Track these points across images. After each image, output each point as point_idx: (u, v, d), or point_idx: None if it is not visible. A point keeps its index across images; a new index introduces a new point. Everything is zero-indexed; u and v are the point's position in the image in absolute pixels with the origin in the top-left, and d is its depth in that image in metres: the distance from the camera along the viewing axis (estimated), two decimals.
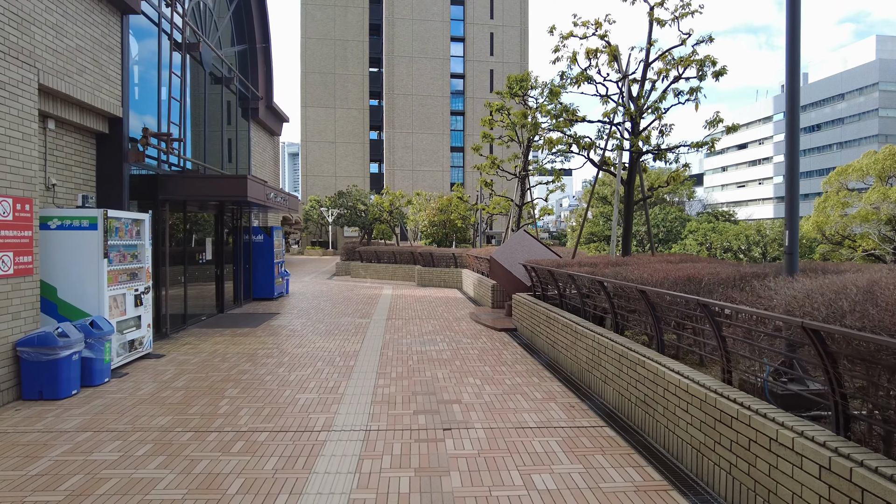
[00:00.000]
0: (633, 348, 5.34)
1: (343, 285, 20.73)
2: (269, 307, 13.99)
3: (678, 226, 37.41)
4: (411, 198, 27.53)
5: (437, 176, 56.98)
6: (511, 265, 11.64)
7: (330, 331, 10.41)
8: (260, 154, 16.22)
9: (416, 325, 11.04)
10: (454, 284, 19.58)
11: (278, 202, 12.12)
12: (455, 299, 15.85)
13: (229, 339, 9.56)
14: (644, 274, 6.04)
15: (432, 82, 58.38)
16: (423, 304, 14.73)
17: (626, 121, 8.42)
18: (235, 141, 13.85)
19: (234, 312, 12.99)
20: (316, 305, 14.32)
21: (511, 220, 16.01)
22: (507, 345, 9.12)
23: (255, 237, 15.27)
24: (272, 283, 15.38)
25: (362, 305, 14.32)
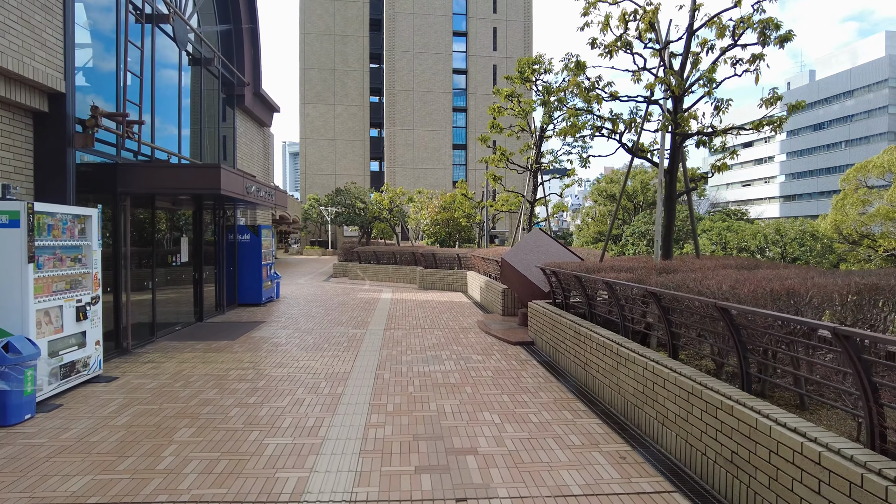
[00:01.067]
0: (712, 386, 3.97)
1: (339, 288, 19.37)
2: (254, 314, 12.62)
3: (689, 225, 35.98)
4: (412, 195, 26.16)
5: (438, 174, 55.62)
6: (526, 268, 10.28)
7: (319, 344, 9.05)
8: (247, 146, 14.86)
9: (417, 338, 9.67)
10: (458, 287, 18.21)
11: (262, 197, 10.76)
12: (460, 304, 14.48)
13: (200, 356, 8.20)
14: (712, 284, 4.67)
15: (434, 78, 57.00)
16: (425, 310, 13.37)
17: (668, 98, 7.08)
18: (217, 130, 12.49)
19: (215, 321, 11.63)
20: (307, 312, 12.95)
21: (522, 219, 14.63)
22: (525, 363, 7.75)
23: (241, 237, 13.92)
24: (259, 287, 14.02)
25: (358, 312, 12.96)
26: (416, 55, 56.66)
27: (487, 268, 14.83)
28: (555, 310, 8.14)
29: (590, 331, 6.39)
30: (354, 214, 29.01)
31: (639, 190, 40.64)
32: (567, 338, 7.21)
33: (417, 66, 56.63)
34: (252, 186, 10.04)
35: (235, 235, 13.73)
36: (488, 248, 19.18)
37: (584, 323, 6.79)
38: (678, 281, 5.01)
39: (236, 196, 9.18)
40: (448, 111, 57.09)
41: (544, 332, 8.42)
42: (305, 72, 60.18)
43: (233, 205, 12.91)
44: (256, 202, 10.46)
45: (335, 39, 61.19)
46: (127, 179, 8.08)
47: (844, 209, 33.24)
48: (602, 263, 8.01)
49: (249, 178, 10.18)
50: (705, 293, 4.45)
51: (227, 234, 13.56)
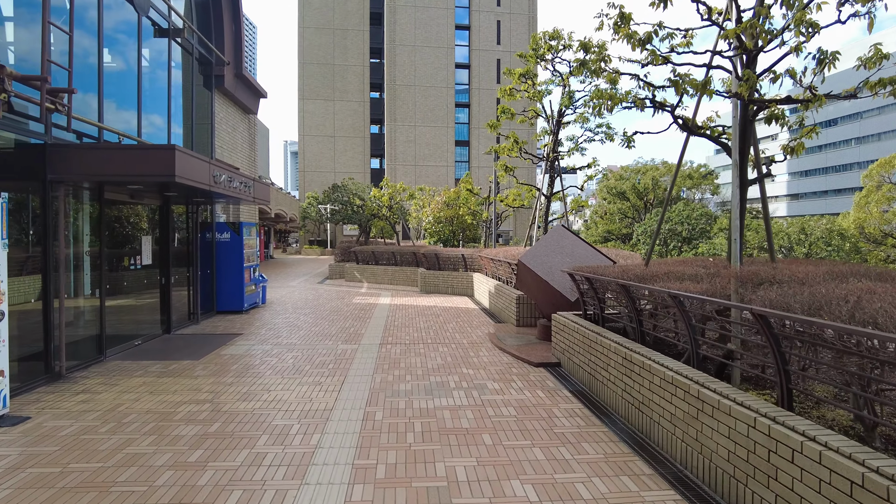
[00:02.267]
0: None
1: (334, 292, 17.79)
2: (233, 324, 11.05)
3: (704, 223, 34.38)
4: (413, 191, 24.58)
5: (440, 171, 54.03)
6: (547, 273, 8.68)
7: (299, 366, 7.47)
8: (229, 134, 13.28)
9: (418, 356, 8.08)
10: (464, 291, 16.62)
11: (236, 189, 9.18)
12: (467, 311, 12.89)
13: (152, 382, 6.62)
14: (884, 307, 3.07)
15: (436, 73, 55.40)
16: (427, 318, 11.79)
17: (738, 55, 5.50)
18: (191, 114, 10.91)
19: (185, 333, 10.06)
20: (293, 322, 11.37)
21: (537, 215, 13.03)
22: (554, 394, 6.15)
23: (220, 235, 12.34)
24: (241, 293, 12.44)
25: (352, 321, 11.37)
26: (418, 49, 55.07)
27: (497, 270, 13.24)
28: (589, 326, 6.55)
29: (649, 360, 4.79)
30: (352, 212, 27.40)
31: (650, 187, 39.06)
32: (611, 364, 5.61)
33: (419, 60, 55.04)
34: (222, 175, 8.45)
35: (213, 234, 12.16)
36: (496, 248, 17.57)
37: (638, 348, 5.20)
38: (808, 300, 3.40)
39: (200, 186, 7.59)
40: (450, 107, 55.49)
41: (575, 352, 6.83)
42: (304, 66, 58.65)
43: (210, 199, 11.35)
44: (229, 194, 8.88)
45: (335, 33, 59.66)
46: (58, 163, 6.51)
47: (868, 207, 31.61)
48: (650, 269, 6.41)
49: (220, 165, 8.60)
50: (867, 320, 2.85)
51: (203, 232, 12.00)
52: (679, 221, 35.03)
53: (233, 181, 8.93)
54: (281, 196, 41.14)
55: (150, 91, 9.26)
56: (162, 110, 9.62)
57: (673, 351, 5.56)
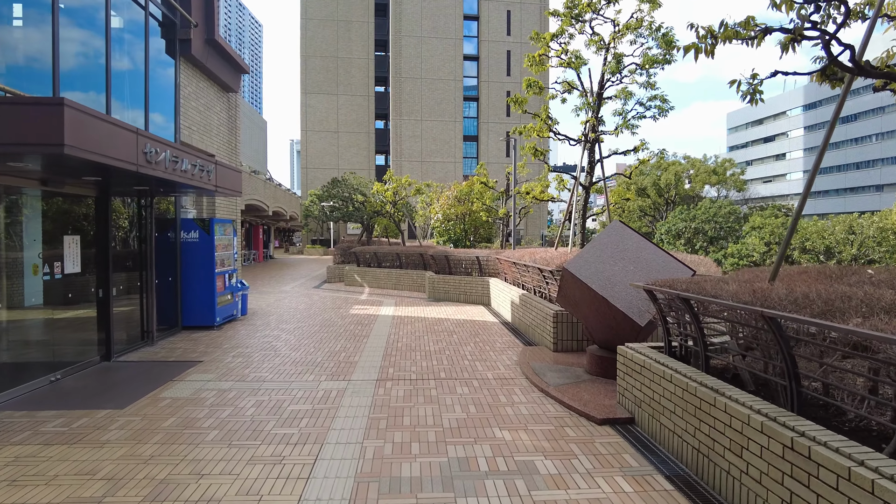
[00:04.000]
0: None
1: (329, 299, 15.59)
2: (196, 345, 8.84)
3: (733, 221, 31.94)
4: (420, 185, 22.33)
5: (448, 167, 51.76)
6: (606, 286, 6.42)
7: (259, 424, 5.24)
8: (200, 113, 11.08)
9: (429, 404, 5.84)
10: (479, 299, 14.37)
11: (185, 173, 6.95)
12: (485, 326, 10.65)
13: (28, 458, 4.43)
14: None
15: (443, 65, 53.12)
16: (438, 337, 9.55)
17: None
18: (146, 82, 8.69)
19: (129, 360, 7.86)
20: (271, 343, 9.15)
21: (575, 210, 10.73)
22: (643, 483, 3.89)
23: (186, 235, 10.15)
24: (212, 304, 10.25)
25: (344, 342, 9.14)
26: (425, 40, 52.83)
27: (522, 277, 10.99)
28: (692, 374, 4.30)
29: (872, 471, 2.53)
30: (353, 209, 25.14)
31: (672, 183, 36.59)
32: (757, 453, 3.35)
33: (426, 51, 52.79)
34: (162, 153, 6.23)
35: (177, 233, 9.97)
36: (515, 249, 15.31)
37: (827, 438, 2.92)
38: None
39: (119, 164, 5.39)
40: (458, 100, 53.21)
41: (663, 408, 4.57)
42: (307, 60, 56.58)
43: (176, 192, 9.16)
44: (174, 179, 6.66)
45: (338, 25, 57.56)
46: None
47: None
48: (782, 287, 4.12)
49: (158, 140, 6.37)
50: None
51: (164, 231, 9.81)
52: (705, 220, 32.60)
53: (180, 162, 6.71)
54: (280, 193, 39.03)
55: (78, 46, 7.06)
56: (97, 73, 7.41)
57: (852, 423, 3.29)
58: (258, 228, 42.03)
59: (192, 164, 7.08)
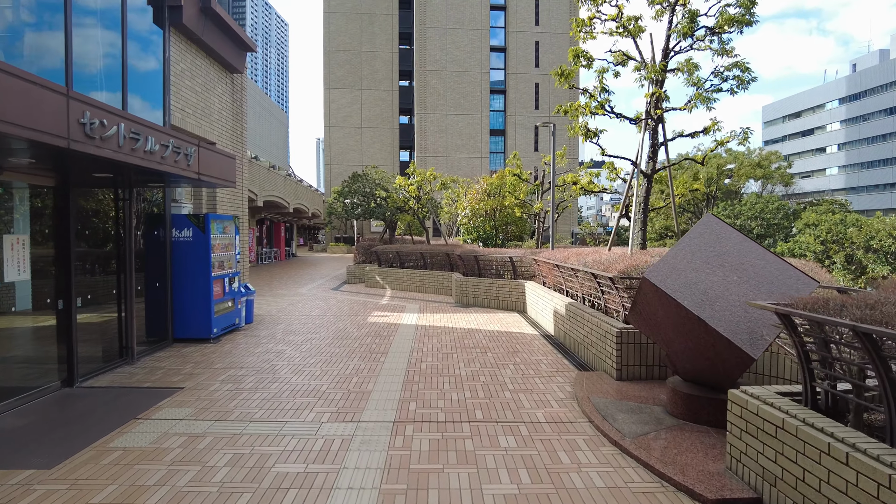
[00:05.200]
0: None
1: (347, 303, 14.15)
2: (182, 365, 7.44)
3: (782, 218, 29.58)
4: (446, 179, 20.77)
5: (474, 163, 50.02)
6: (702, 303, 4.75)
7: (228, 499, 3.75)
8: (198, 95, 9.70)
9: (463, 465, 4.27)
10: (512, 305, 12.76)
11: (150, 155, 5.46)
12: (524, 340, 9.04)
13: None
14: None
15: (469, 56, 51.37)
16: (470, 355, 7.98)
17: None
18: (123, 52, 7.29)
19: (96, 385, 6.48)
20: (271, 363, 7.70)
21: (635, 202, 9.01)
22: None
23: (179, 233, 8.78)
24: (208, 313, 8.86)
25: (357, 361, 7.64)
26: (450, 31, 51.17)
27: (569, 283, 9.34)
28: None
29: None
30: (375, 206, 23.65)
31: (713, 177, 34.23)
32: None
33: (451, 43, 51.15)
34: (112, 127, 4.77)
35: (167, 231, 8.60)
36: (553, 248, 13.64)
37: None
38: None
39: (36, 136, 3.94)
40: (485, 93, 51.44)
41: (819, 500, 2.92)
42: (330, 54, 55.53)
43: (165, 183, 7.79)
44: (131, 161, 5.20)
45: (362, 18, 56.36)
46: None
47: None
48: None
49: (102, 109, 4.91)
50: None
51: (153, 228, 8.45)
52: (752, 216, 30.28)
53: (142, 140, 5.25)
54: (301, 189, 37.92)
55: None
56: (52, 41, 6.00)
57: None
58: (280, 226, 41.04)
59: (162, 143, 5.63)
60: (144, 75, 7.93)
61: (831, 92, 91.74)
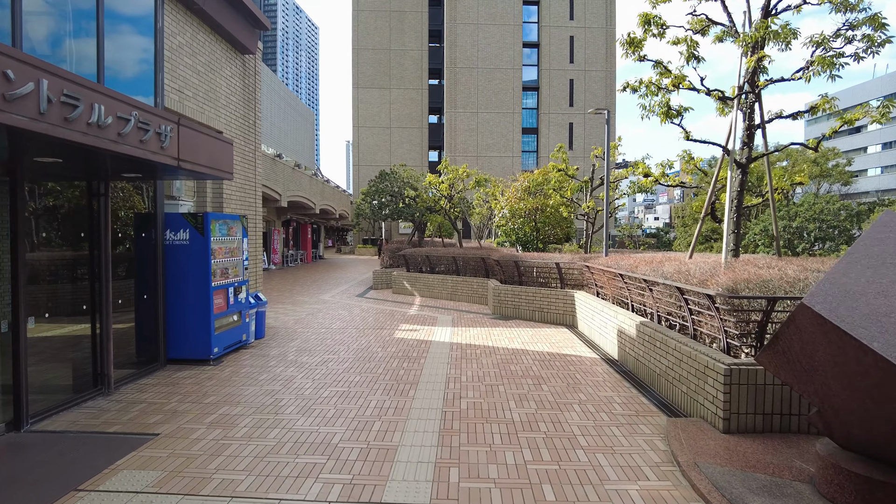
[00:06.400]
0: None
1: (373, 313, 12.72)
2: (169, 396, 6.06)
3: (844, 219, 27.09)
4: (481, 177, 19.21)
5: (505, 162, 48.29)
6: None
7: None
8: (200, 76, 8.38)
9: None
10: (560, 318, 11.13)
11: (94, 128, 4.02)
12: (584, 367, 7.42)
13: None
14: None
15: (501, 53, 49.70)
16: (521, 390, 6.40)
17: None
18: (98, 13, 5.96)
19: (45, 430, 5.13)
20: (276, 396, 6.25)
21: (730, 199, 7.27)
22: None
23: (173, 235, 7.45)
24: (207, 329, 7.50)
25: (381, 395, 6.14)
26: (481, 27, 49.62)
27: (640, 297, 7.68)
28: None
29: None
30: (403, 206, 22.20)
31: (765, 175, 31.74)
32: None
33: (482, 39, 49.59)
34: (25, 85, 3.36)
35: (158, 233, 7.26)
36: (607, 254, 11.99)
37: None
38: None
39: None
40: (517, 90, 49.71)
41: None
42: (358, 53, 54.54)
43: (155, 175, 6.48)
44: (70, 138, 3.78)
45: (391, 16, 55.21)
46: None
47: None
48: None
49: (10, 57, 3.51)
50: None
51: (141, 230, 7.13)
52: (810, 217, 27.83)
53: (82, 108, 3.83)
54: (329, 189, 36.87)
55: None
56: None
57: None
58: (306, 227, 40.09)
59: (119, 115, 4.21)
60: (129, 45, 6.61)
61: (878, 88, 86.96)
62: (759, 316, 5.19)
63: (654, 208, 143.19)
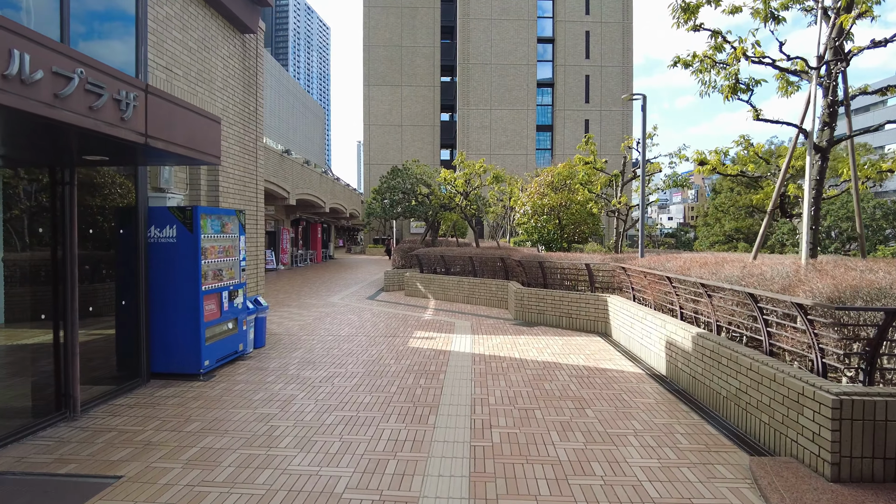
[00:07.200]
0: None
1: (384, 318, 11.75)
2: (145, 422, 5.12)
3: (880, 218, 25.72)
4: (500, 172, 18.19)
5: (519, 160, 47.18)
6: None
7: None
8: (192, 53, 7.46)
9: None
10: (590, 325, 10.09)
11: (15, 87, 3.10)
12: (629, 384, 6.39)
13: None
14: None
15: (515, 48, 48.61)
16: (562, 415, 5.38)
17: None
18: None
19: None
20: (270, 423, 5.29)
21: (807, 188, 6.20)
22: None
23: (159, 232, 6.53)
24: (196, 340, 6.56)
25: (396, 422, 5.15)
26: (495, 23, 48.54)
27: (692, 304, 6.63)
28: None
29: None
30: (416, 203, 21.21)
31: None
32: None
33: (496, 35, 48.51)
34: None
35: (140, 229, 6.33)
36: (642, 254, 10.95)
37: None
38: None
39: None
40: (531, 87, 48.58)
41: None
42: (370, 50, 53.67)
43: (134, 156, 5.57)
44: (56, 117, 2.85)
45: (402, 12, 54.26)
46: None
47: None
48: None
49: None
50: None
51: (121, 226, 6.21)
52: (843, 216, 26.51)
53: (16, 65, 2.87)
54: (339, 188, 36.01)
55: None
56: None
57: None
58: (316, 227, 39.29)
59: (56, 72, 3.24)
60: (102, 12, 5.68)
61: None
62: (870, 332, 4.14)
63: (667, 208, 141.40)
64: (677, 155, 13.01)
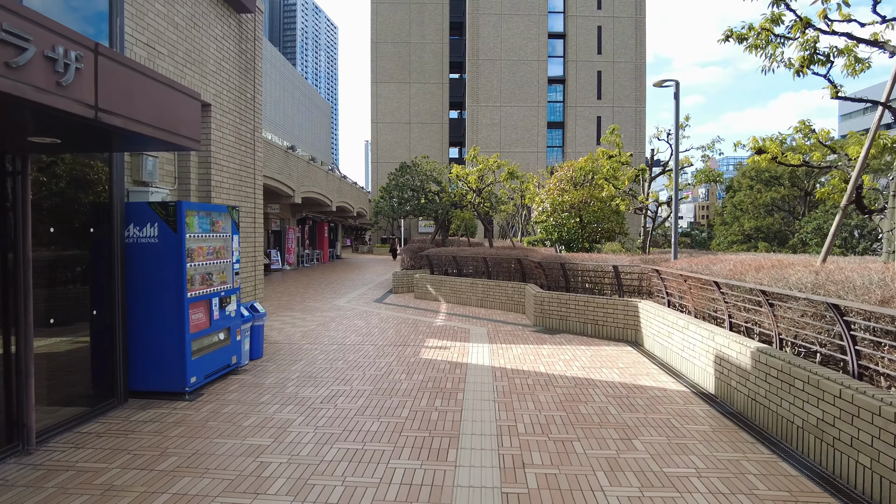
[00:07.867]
0: None
1: (394, 322, 10.93)
2: (108, 461, 4.32)
3: None
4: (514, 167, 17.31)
5: (530, 158, 46.20)
6: None
7: None
8: (179, 31, 6.66)
9: None
10: (619, 333, 9.22)
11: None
12: (675, 406, 5.52)
13: None
14: None
15: (526, 44, 47.63)
16: (606, 449, 4.52)
17: None
18: None
19: None
20: (260, 458, 4.47)
21: (893, 186, 5.27)
22: None
23: (139, 231, 5.74)
24: (181, 353, 5.76)
25: (410, 458, 4.31)
26: (505, 18, 47.60)
27: (745, 312, 5.74)
28: None
29: None
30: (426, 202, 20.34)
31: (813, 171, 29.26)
32: None
33: (506, 30, 47.57)
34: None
35: (116, 228, 5.53)
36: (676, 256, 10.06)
37: None
38: None
39: None
40: (542, 83, 47.60)
41: None
42: (377, 46, 52.88)
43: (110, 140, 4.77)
44: None
45: (411, 8, 53.43)
46: None
47: None
48: None
49: None
50: None
51: (93, 223, 5.41)
52: None
53: None
54: (346, 186, 35.25)
55: None
56: None
57: None
58: (323, 226, 38.56)
59: None
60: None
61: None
62: None
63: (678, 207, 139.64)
64: (708, 147, 12.10)
